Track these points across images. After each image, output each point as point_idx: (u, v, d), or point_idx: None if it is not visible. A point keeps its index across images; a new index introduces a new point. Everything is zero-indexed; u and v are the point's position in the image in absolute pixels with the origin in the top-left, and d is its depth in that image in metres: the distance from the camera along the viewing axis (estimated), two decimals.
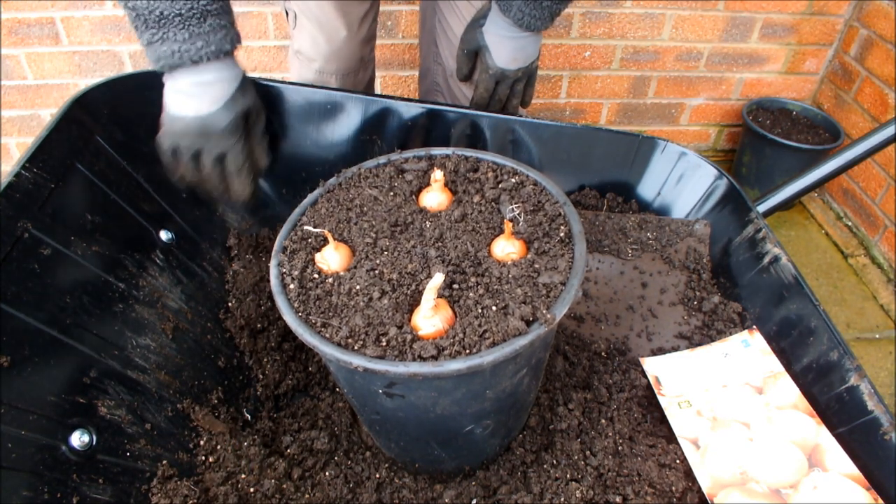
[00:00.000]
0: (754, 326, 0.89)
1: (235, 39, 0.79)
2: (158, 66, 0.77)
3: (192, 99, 0.78)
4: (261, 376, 0.95)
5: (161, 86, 0.83)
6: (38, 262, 0.74)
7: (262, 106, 0.87)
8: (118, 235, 0.86)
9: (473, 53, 1.08)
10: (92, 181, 0.86)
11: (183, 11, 0.72)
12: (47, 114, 1.96)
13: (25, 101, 1.92)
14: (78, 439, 0.67)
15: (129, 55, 1.86)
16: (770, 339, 0.87)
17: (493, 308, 0.61)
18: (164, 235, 0.94)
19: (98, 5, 1.75)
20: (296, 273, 0.67)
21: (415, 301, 0.64)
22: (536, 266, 0.65)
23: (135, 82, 0.98)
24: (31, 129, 1.99)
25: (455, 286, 0.64)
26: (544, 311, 0.59)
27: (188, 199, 1.02)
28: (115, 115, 0.95)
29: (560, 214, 0.71)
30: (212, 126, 0.79)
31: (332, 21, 1.14)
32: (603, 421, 0.82)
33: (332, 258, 0.68)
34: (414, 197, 0.78)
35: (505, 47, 1.02)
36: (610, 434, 0.80)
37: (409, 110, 1.04)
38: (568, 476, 0.76)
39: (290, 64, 1.31)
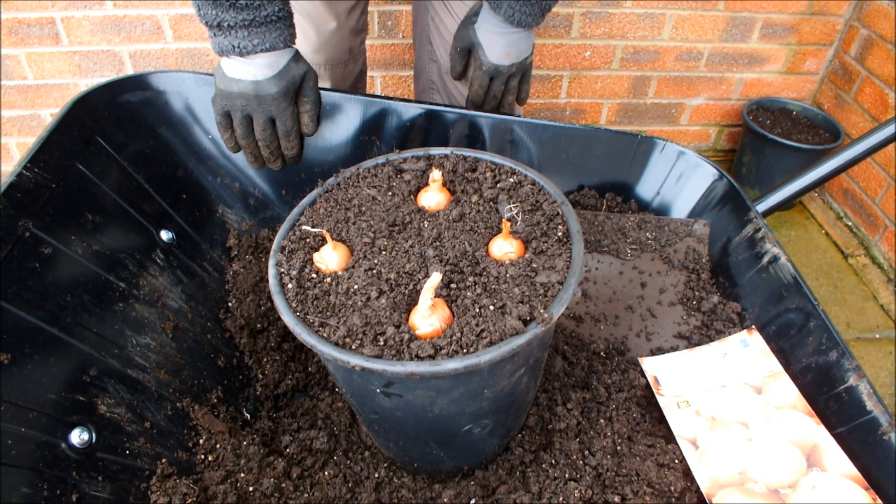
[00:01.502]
0: (753, 326, 0.89)
1: (289, 39, 0.84)
2: (217, 51, 0.83)
3: (249, 66, 0.83)
4: (260, 376, 0.96)
5: (160, 87, 0.84)
6: (39, 261, 0.74)
7: (315, 76, 0.91)
8: (118, 235, 0.87)
9: (467, 51, 1.09)
10: (92, 181, 0.87)
11: (246, 23, 0.79)
12: (47, 114, 1.96)
13: (25, 101, 1.92)
14: (77, 437, 0.68)
15: (129, 55, 1.86)
16: (769, 339, 0.87)
17: (491, 307, 0.61)
18: (165, 235, 0.94)
19: (98, 5, 1.75)
20: (294, 273, 0.67)
21: (412, 300, 0.64)
22: (534, 265, 0.66)
23: (135, 84, 0.99)
24: (32, 129, 1.99)
25: (453, 286, 0.65)
26: (542, 311, 0.60)
27: (188, 199, 1.02)
28: (115, 117, 0.95)
29: (558, 214, 0.71)
30: (265, 91, 0.84)
31: (321, 12, 1.15)
32: (602, 421, 0.82)
33: (330, 258, 0.68)
34: (412, 197, 0.78)
35: (497, 43, 1.03)
36: (609, 434, 0.80)
37: (408, 111, 1.04)
38: (566, 476, 0.76)
39: None
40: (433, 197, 0.76)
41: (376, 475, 0.83)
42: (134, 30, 1.81)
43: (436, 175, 0.76)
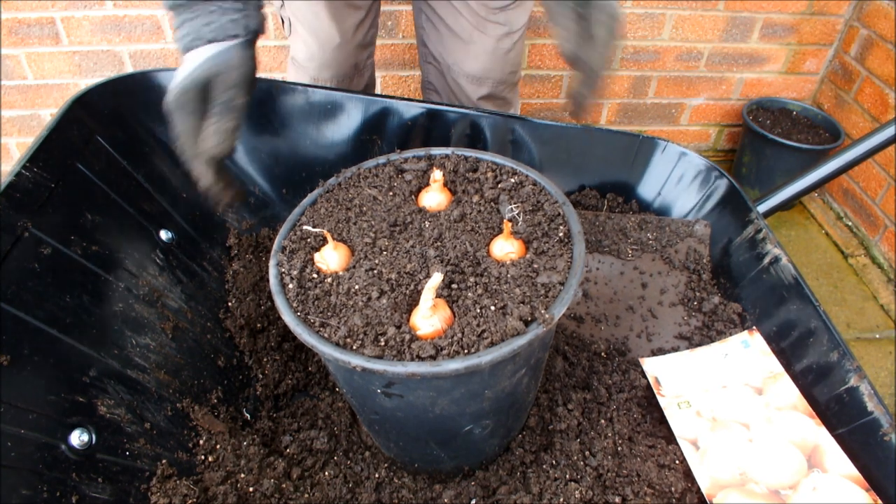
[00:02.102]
0: (754, 327, 0.89)
1: (250, 26, 0.72)
2: (181, 47, 0.74)
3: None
4: (260, 376, 0.95)
5: (160, 86, 0.83)
6: (38, 262, 0.74)
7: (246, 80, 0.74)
8: (118, 235, 0.87)
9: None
10: (92, 181, 0.87)
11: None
12: (47, 114, 1.96)
13: (25, 101, 1.92)
14: (77, 438, 0.67)
15: (129, 55, 1.86)
16: (770, 340, 0.87)
17: (492, 308, 0.61)
18: (164, 235, 0.94)
19: (98, 5, 1.75)
20: (295, 273, 0.67)
21: (413, 301, 0.64)
22: (535, 266, 0.65)
23: (135, 82, 0.99)
24: (31, 129, 1.99)
25: (454, 286, 0.64)
26: (543, 311, 0.59)
27: (188, 198, 1.02)
28: (115, 115, 0.95)
29: (559, 214, 0.71)
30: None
31: (326, 28, 1.14)
32: (602, 421, 0.82)
33: (331, 258, 0.68)
34: (413, 197, 0.78)
35: None
36: (609, 434, 0.80)
37: (409, 110, 1.04)
38: (567, 476, 0.76)
39: (287, 70, 1.32)
40: (434, 197, 0.76)
41: (377, 475, 0.83)
42: (134, 30, 1.81)
43: (437, 175, 0.75)
